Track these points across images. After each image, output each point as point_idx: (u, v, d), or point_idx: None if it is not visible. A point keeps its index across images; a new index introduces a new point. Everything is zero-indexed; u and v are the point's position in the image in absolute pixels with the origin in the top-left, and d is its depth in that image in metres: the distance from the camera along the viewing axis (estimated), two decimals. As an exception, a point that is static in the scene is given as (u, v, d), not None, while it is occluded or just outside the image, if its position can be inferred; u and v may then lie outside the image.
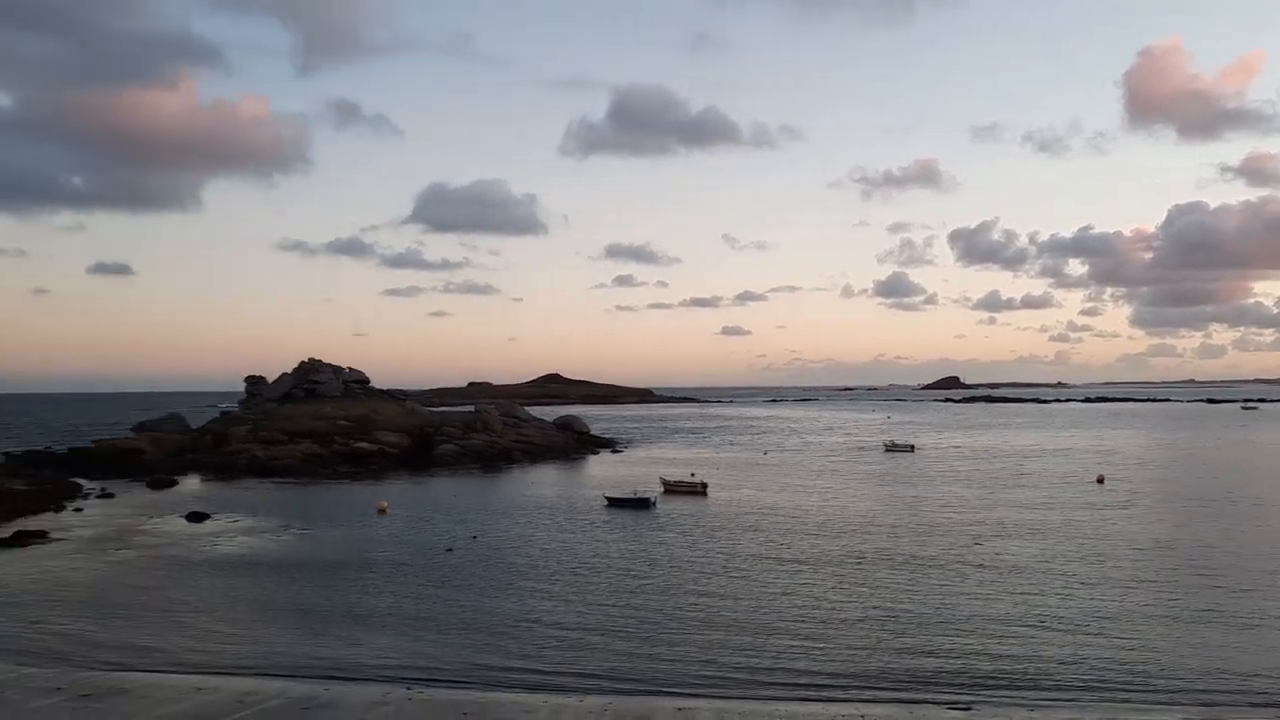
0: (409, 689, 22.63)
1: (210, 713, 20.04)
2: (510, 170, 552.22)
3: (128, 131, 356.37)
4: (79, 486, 67.86)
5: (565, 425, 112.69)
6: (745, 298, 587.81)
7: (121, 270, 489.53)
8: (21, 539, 45.18)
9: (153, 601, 32.92)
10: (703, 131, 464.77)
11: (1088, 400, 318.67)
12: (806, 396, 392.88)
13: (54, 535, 46.78)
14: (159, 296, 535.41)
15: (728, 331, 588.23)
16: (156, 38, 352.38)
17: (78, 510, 57.14)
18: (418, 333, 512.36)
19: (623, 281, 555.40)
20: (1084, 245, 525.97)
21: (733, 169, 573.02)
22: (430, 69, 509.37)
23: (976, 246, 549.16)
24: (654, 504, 57.23)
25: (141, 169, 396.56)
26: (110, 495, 64.55)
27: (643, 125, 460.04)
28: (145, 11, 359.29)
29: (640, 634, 27.97)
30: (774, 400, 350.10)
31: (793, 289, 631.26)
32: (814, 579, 35.35)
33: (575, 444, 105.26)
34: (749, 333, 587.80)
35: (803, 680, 23.52)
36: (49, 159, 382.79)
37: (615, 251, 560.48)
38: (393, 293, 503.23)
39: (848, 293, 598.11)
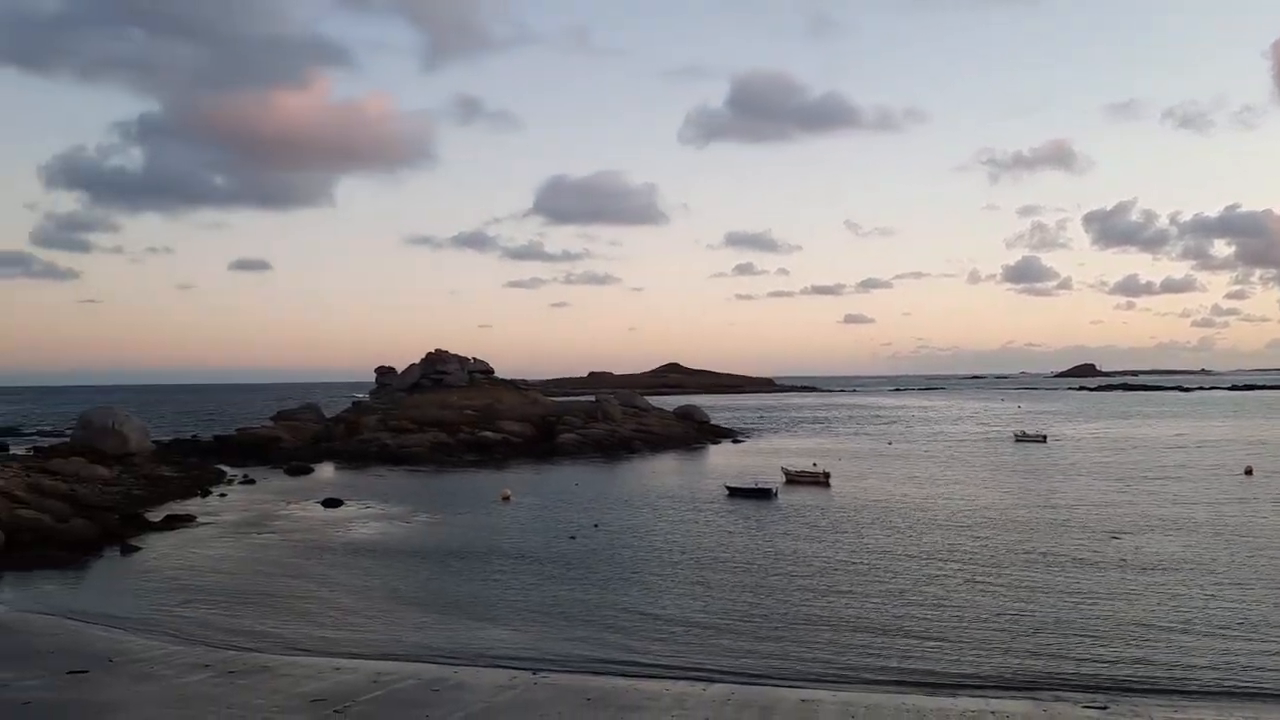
0: (535, 673, 22.98)
1: (348, 690, 20.73)
2: (629, 160, 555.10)
3: (264, 132, 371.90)
4: (223, 473, 71.20)
5: (685, 415, 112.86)
6: (869, 285, 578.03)
7: (260, 266, 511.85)
8: (171, 523, 47.63)
9: (292, 584, 34.26)
10: (823, 116, 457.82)
11: (1234, 388, 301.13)
12: (932, 385, 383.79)
13: (201, 519, 49.17)
14: (295, 291, 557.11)
15: (851, 319, 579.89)
16: (289, 41, 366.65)
17: (222, 496, 59.92)
18: (539, 323, 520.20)
19: (743, 270, 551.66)
20: (1230, 225, 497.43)
21: (855, 154, 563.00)
22: (550, 63, 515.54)
23: (1113, 228, 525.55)
24: (775, 494, 56.77)
25: (277, 168, 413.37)
26: (251, 481, 67.50)
27: (762, 112, 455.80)
28: (278, 16, 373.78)
29: (763, 625, 27.76)
30: (899, 389, 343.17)
31: (918, 275, 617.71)
32: (942, 573, 34.48)
33: (695, 433, 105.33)
34: (873, 320, 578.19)
35: (930, 677, 22.94)
36: (193, 160, 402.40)
37: (735, 240, 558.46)
38: (515, 284, 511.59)
39: (975, 278, 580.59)
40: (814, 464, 70.71)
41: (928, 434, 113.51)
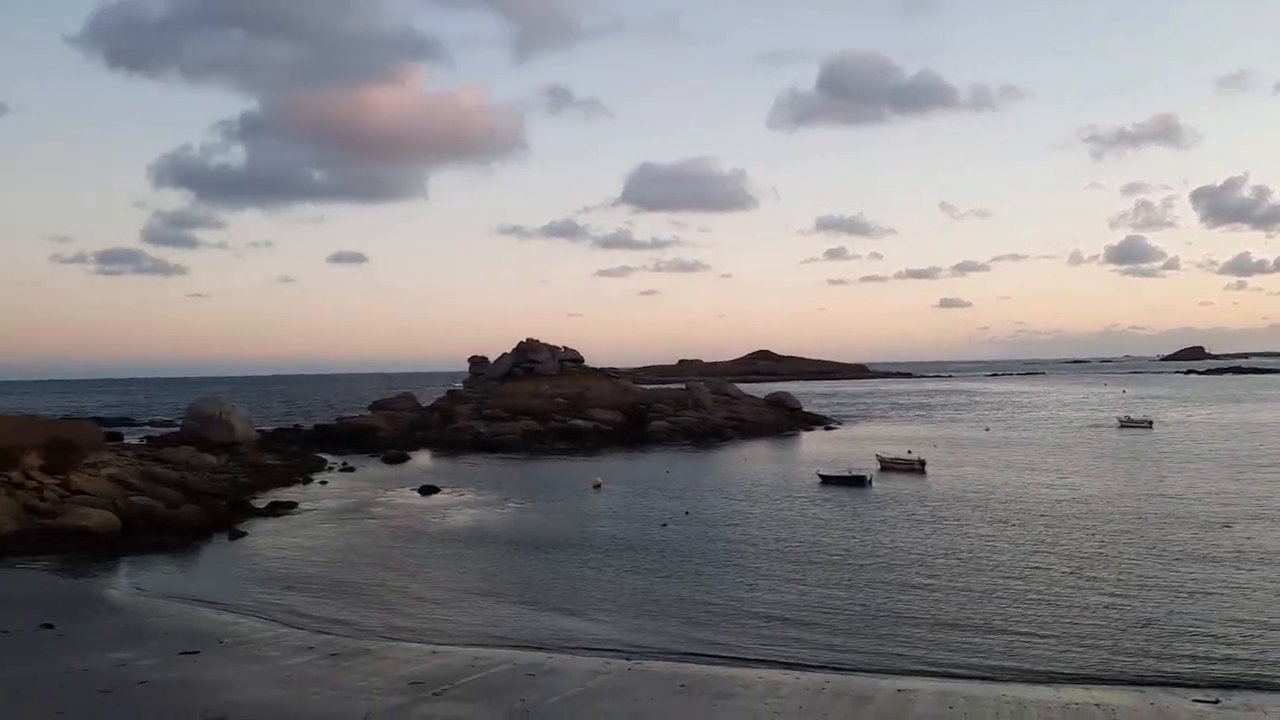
0: (628, 660, 23.07)
1: (446, 674, 21.11)
2: (718, 146, 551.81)
3: (359, 127, 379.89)
4: (323, 461, 73.11)
5: (776, 402, 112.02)
6: (965, 268, 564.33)
7: (356, 259, 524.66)
8: (275, 509, 49.12)
9: (390, 570, 35.03)
10: (917, 97, 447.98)
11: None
12: (1032, 370, 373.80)
13: (303, 506, 50.59)
14: (390, 282, 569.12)
15: (946, 303, 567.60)
16: (383, 36, 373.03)
17: (323, 483, 61.54)
18: (629, 311, 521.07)
19: (834, 255, 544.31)
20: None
21: (950, 134, 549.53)
22: (639, 50, 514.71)
23: (1223, 206, 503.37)
24: (870, 482, 55.99)
25: (372, 162, 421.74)
26: (351, 469, 69.19)
27: (854, 93, 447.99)
28: (372, 12, 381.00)
29: (858, 615, 27.39)
30: (996, 374, 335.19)
31: (1016, 257, 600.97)
32: (1045, 563, 33.55)
33: (787, 421, 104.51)
34: (969, 304, 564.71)
35: (1033, 668, 22.35)
36: (292, 156, 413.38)
37: (826, 224, 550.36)
38: (604, 273, 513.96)
39: (1076, 260, 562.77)
40: (909, 451, 69.51)
41: (1027, 420, 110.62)
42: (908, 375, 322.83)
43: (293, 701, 18.70)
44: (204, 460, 60.77)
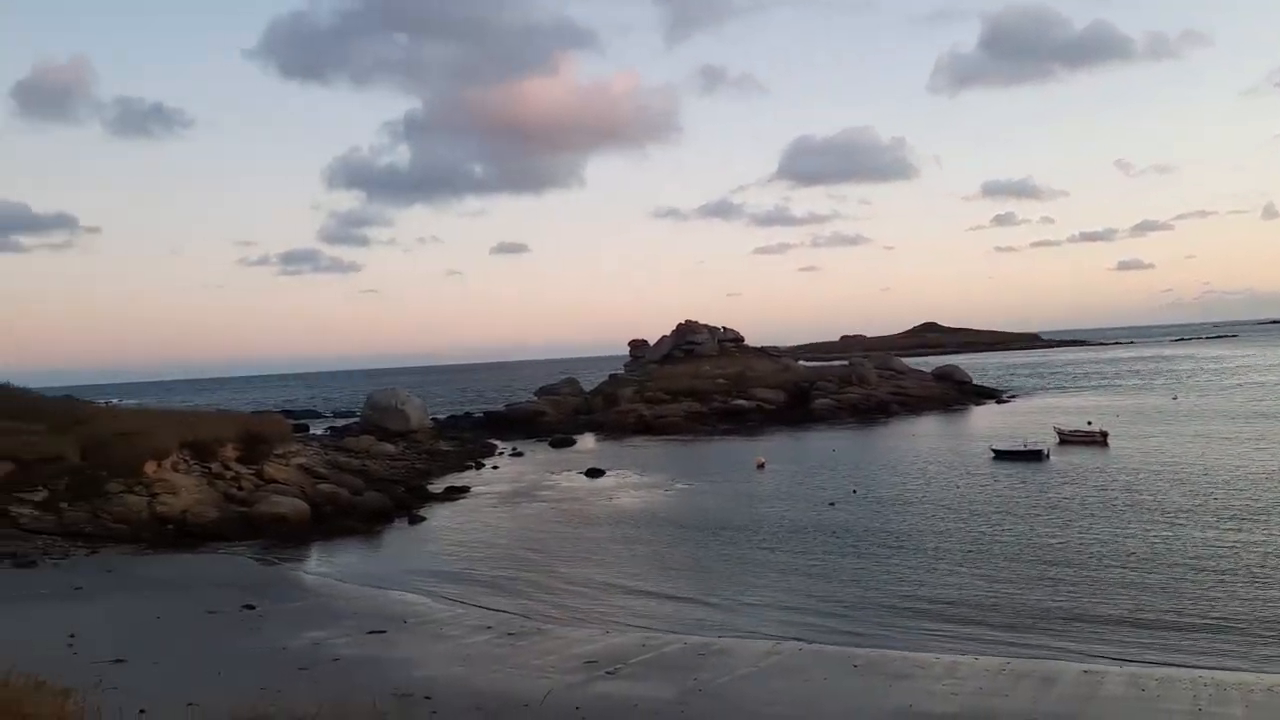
0: (800, 641, 22.89)
1: (618, 653, 21.46)
2: (876, 115, 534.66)
3: (518, 119, 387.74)
4: (494, 446, 75.45)
5: (944, 375, 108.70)
6: (1144, 228, 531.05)
7: (519, 249, 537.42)
8: (450, 494, 51.01)
9: (561, 551, 35.84)
10: (1089, 50, 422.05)
11: None
12: (1222, 333, 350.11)
13: (476, 490, 52.33)
14: (551, 270, 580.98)
15: (1124, 266, 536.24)
16: (538, 28, 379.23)
17: (494, 468, 63.50)
18: (788, 289, 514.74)
19: (1002, 220, 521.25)
20: None
21: (1125, 88, 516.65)
22: (792, 22, 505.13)
23: None
24: (1047, 456, 53.71)
25: (531, 153, 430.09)
26: (520, 454, 71.15)
27: (1020, 51, 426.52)
28: (528, 5, 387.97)
29: (1041, 594, 26.35)
30: (1181, 339, 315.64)
31: (1203, 214, 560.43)
32: (1250, 539, 31.37)
33: (956, 394, 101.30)
34: (1150, 266, 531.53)
35: (1235, 649, 20.99)
36: (455, 152, 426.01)
37: (993, 189, 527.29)
38: (762, 251, 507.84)
39: (1271, 213, 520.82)
40: (1089, 422, 66.28)
41: (1220, 387, 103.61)
42: (1083, 343, 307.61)
43: (475, 678, 19.37)
44: (383, 449, 63.62)
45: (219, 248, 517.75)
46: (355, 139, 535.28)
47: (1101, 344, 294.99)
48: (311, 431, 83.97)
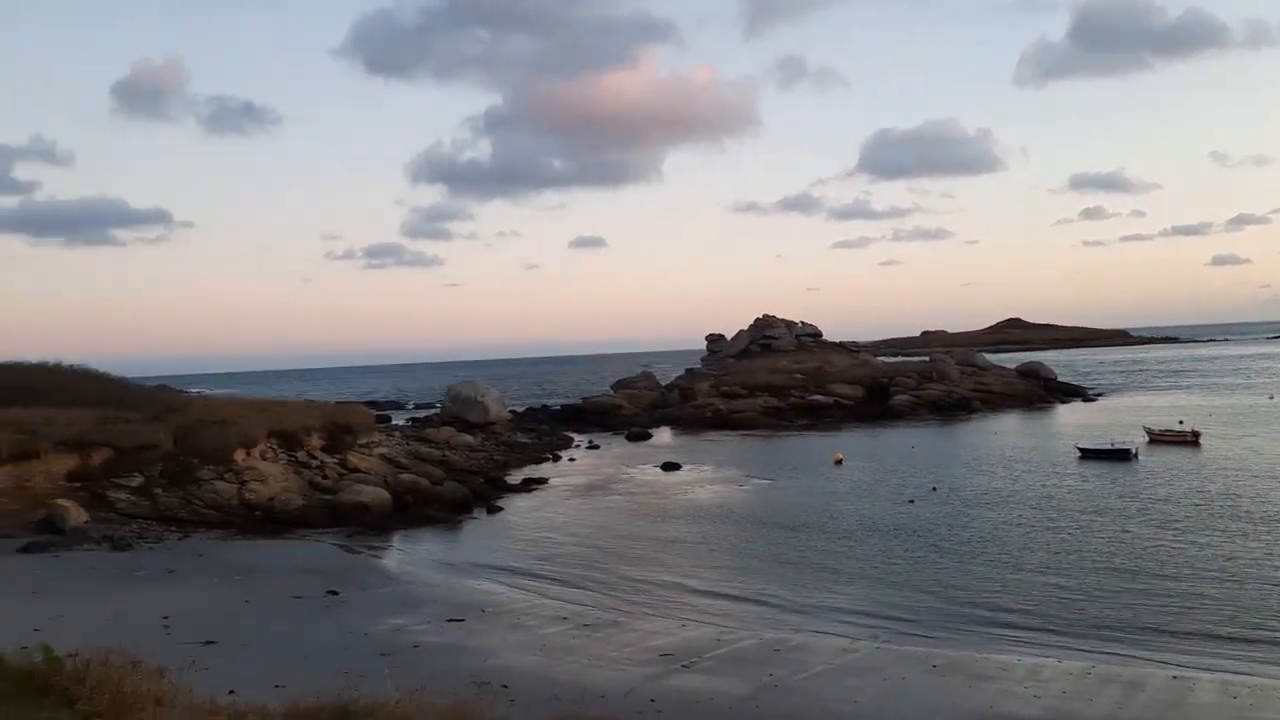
0: (876, 638, 22.66)
1: (693, 647, 21.50)
2: (960, 107, 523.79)
3: (597, 114, 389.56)
4: (571, 439, 76.04)
5: (1028, 372, 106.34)
6: (1241, 221, 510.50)
7: (596, 243, 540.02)
8: (528, 485, 51.55)
9: (637, 544, 35.98)
10: (1183, 38, 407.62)
11: None
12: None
13: (553, 482, 52.80)
14: (628, 264, 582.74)
15: (1219, 261, 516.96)
16: (618, 22, 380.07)
17: (571, 460, 63.99)
18: (868, 283, 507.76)
19: (1090, 214, 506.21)
20: None
21: (1221, 77, 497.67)
22: (873, 13, 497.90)
23: None
24: (1136, 455, 52.23)
25: (610, 147, 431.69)
26: (596, 447, 71.56)
27: (1110, 40, 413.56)
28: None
29: (1130, 598, 25.64)
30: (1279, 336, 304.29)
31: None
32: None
33: (1040, 392, 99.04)
34: (1247, 261, 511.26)
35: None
36: (534, 147, 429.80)
37: (1080, 182, 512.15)
38: (842, 245, 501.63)
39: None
40: (1180, 422, 64.26)
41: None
42: (1175, 341, 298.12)
43: (552, 669, 19.58)
44: (463, 440, 64.59)
45: (306, 242, 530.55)
46: (438, 134, 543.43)
47: (1194, 341, 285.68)
48: (394, 422, 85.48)
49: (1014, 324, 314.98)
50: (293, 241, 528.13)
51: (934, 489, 44.85)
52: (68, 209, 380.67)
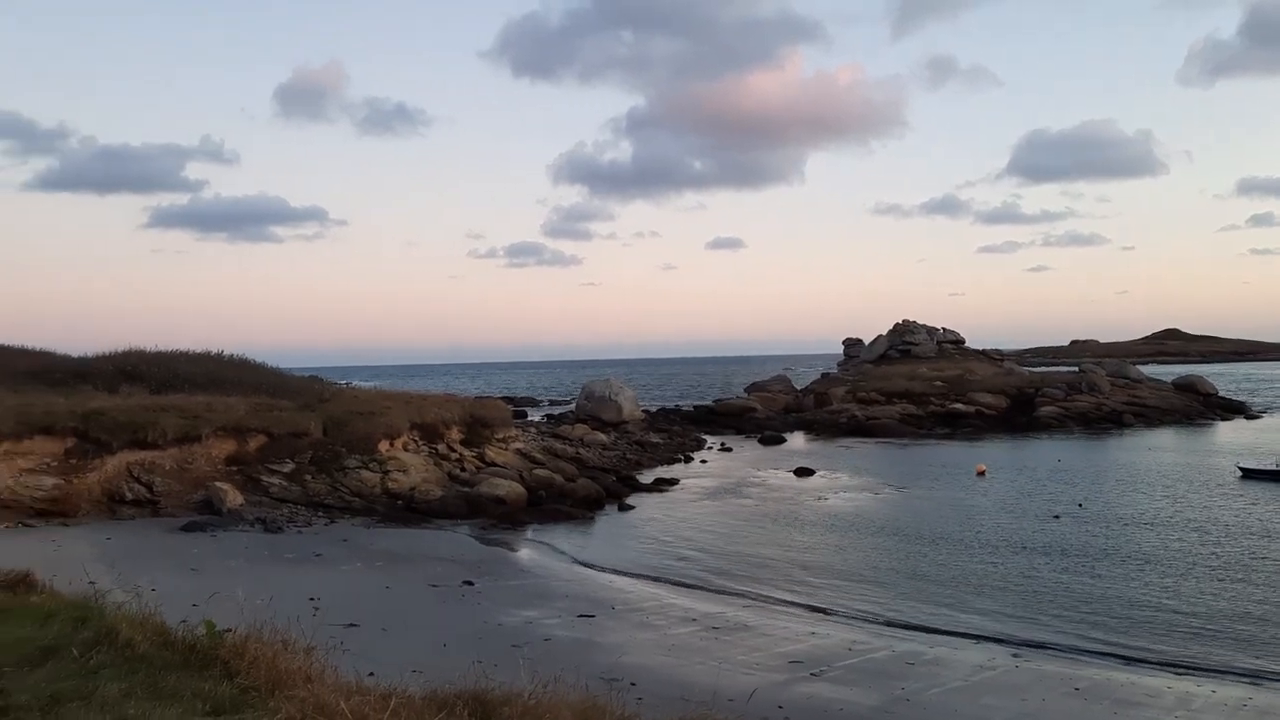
0: (1016, 656, 21.89)
1: (824, 655, 21.19)
2: (1119, 108, 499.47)
3: (739, 114, 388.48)
4: (703, 440, 75.99)
5: (1186, 386, 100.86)
6: None
7: (734, 244, 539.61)
8: (660, 485, 51.77)
9: (768, 548, 35.68)
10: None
11: None
12: None
13: (684, 483, 52.87)
14: (765, 266, 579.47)
15: None
16: (762, 21, 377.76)
17: (703, 462, 63.96)
18: (1015, 290, 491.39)
19: (1259, 221, 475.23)
20: None
21: None
22: (1028, 9, 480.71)
23: None
24: (1305, 477, 48.96)
25: (751, 148, 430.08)
26: (728, 449, 71.33)
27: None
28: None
29: (1292, 628, 24.07)
30: None
31: None
32: None
33: (1199, 407, 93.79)
34: None
35: None
36: (676, 148, 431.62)
37: (1249, 187, 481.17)
38: (988, 250, 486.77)
39: None
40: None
41: None
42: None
43: (680, 669, 19.60)
44: (596, 437, 65.33)
45: (451, 240, 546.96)
46: (580, 135, 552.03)
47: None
48: (529, 418, 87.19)
49: (1171, 335, 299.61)
50: (439, 239, 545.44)
51: (1081, 505, 43.03)
52: (232, 206, 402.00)
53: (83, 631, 8.53)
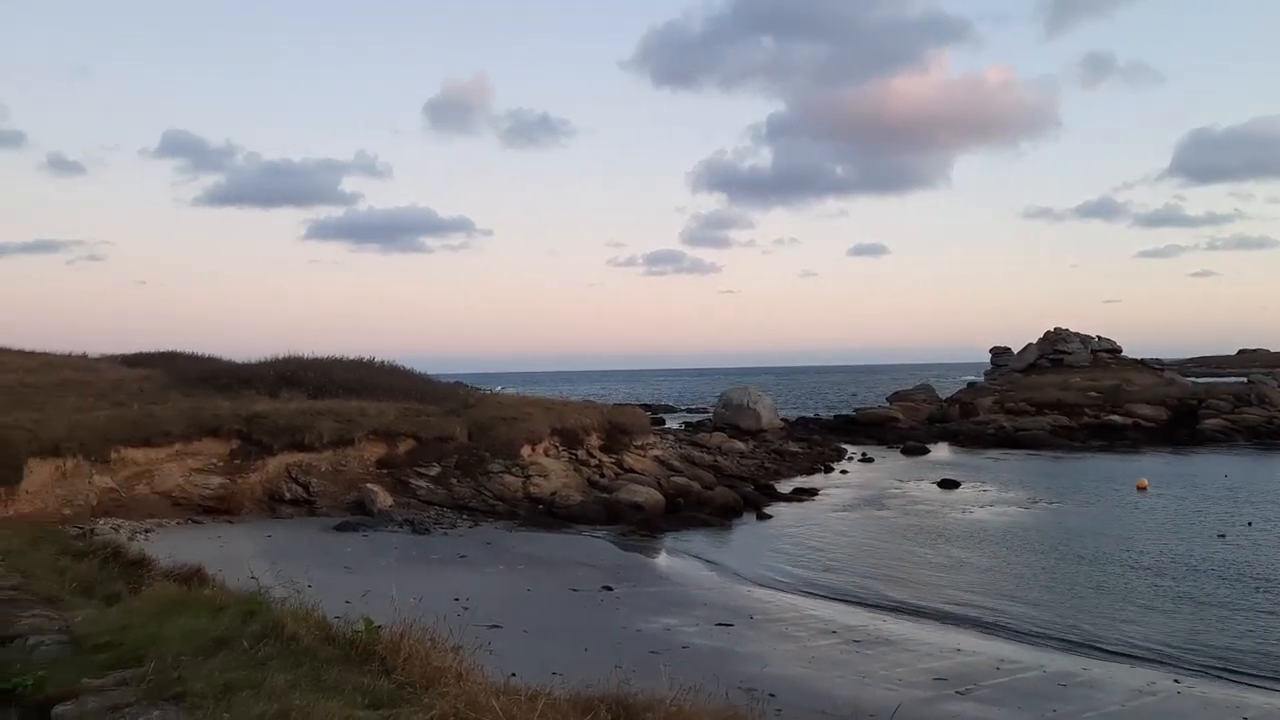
0: (1177, 681, 20.76)
1: (970, 673, 20.55)
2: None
3: (882, 118, 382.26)
4: (843, 450, 74.79)
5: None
6: None
7: (877, 250, 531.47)
8: (798, 495, 51.20)
9: (911, 562, 34.83)
10: None
11: None
12: None
13: (824, 493, 52.14)
14: (909, 272, 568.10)
15: None
16: (907, 23, 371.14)
17: (843, 472, 62.94)
18: (1176, 296, 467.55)
19: None
20: None
21: None
22: (1194, 2, 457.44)
23: None
24: None
25: (894, 153, 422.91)
26: (869, 459, 69.98)
27: None
28: (898, 1, 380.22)
29: None
30: None
31: None
32: None
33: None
34: None
35: None
36: (816, 153, 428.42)
37: None
38: (1147, 254, 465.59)
39: None
40: None
41: None
42: None
43: (819, 682, 19.34)
44: (734, 446, 65.12)
45: (592, 248, 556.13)
46: (719, 142, 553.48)
47: None
48: (667, 425, 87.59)
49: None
50: (579, 248, 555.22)
51: (1250, 524, 40.52)
52: (385, 218, 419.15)
53: (251, 624, 9.04)
